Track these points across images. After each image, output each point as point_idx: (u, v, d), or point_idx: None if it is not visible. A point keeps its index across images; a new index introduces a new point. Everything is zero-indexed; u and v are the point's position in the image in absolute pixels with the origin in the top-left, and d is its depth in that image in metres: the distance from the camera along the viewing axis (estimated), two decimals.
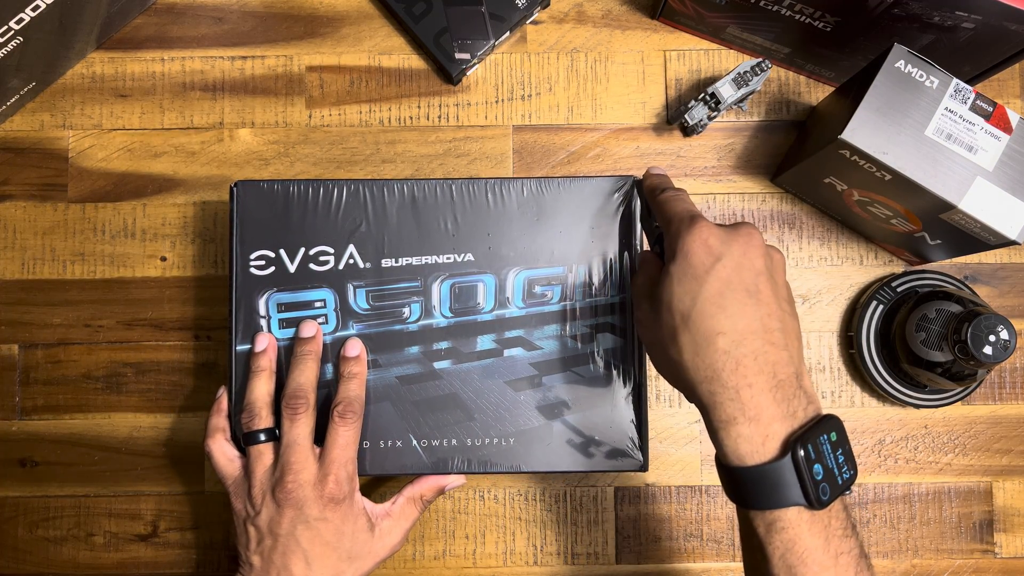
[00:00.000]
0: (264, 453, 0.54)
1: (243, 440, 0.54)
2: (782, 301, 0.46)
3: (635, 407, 0.57)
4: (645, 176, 0.55)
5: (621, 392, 0.57)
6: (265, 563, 0.52)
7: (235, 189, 0.57)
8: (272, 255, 0.57)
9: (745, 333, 0.44)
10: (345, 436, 0.53)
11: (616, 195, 0.58)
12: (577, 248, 0.57)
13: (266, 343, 0.56)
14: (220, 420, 0.57)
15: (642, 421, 0.57)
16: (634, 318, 0.49)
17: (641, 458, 0.57)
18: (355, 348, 0.56)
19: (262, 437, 0.54)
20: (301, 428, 0.53)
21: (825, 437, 0.44)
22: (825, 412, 0.45)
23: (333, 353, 0.57)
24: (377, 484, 0.65)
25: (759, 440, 0.43)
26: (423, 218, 0.57)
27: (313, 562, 0.52)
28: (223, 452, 0.55)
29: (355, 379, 0.55)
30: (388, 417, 0.56)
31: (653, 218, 0.53)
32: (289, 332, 0.57)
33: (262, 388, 0.55)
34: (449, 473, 0.57)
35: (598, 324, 0.57)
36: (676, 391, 0.65)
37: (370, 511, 0.55)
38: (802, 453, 0.42)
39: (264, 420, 0.54)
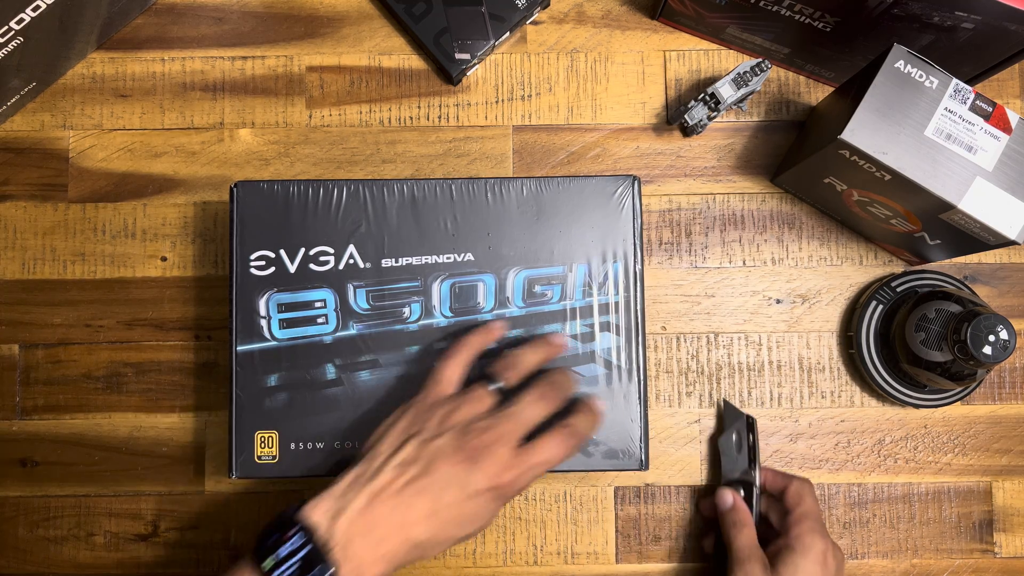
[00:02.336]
0: (484, 397, 0.51)
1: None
2: None
3: (635, 406, 0.57)
4: (727, 511, 0.60)
5: (621, 391, 0.57)
6: (396, 480, 0.48)
7: (235, 189, 0.57)
8: (272, 255, 0.57)
9: None
10: (555, 453, 0.50)
11: (616, 195, 0.58)
12: (577, 248, 0.57)
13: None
14: None
15: (642, 420, 0.57)
16: None
17: (641, 457, 0.57)
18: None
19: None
20: None
21: None
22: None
23: (335, 353, 0.57)
24: None
25: None
26: (423, 218, 0.57)
27: (433, 517, 0.48)
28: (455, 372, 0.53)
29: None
30: None
31: (737, 449, 0.62)
32: (289, 332, 0.57)
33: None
34: None
35: (598, 324, 0.57)
36: (676, 391, 0.66)
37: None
38: None
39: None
